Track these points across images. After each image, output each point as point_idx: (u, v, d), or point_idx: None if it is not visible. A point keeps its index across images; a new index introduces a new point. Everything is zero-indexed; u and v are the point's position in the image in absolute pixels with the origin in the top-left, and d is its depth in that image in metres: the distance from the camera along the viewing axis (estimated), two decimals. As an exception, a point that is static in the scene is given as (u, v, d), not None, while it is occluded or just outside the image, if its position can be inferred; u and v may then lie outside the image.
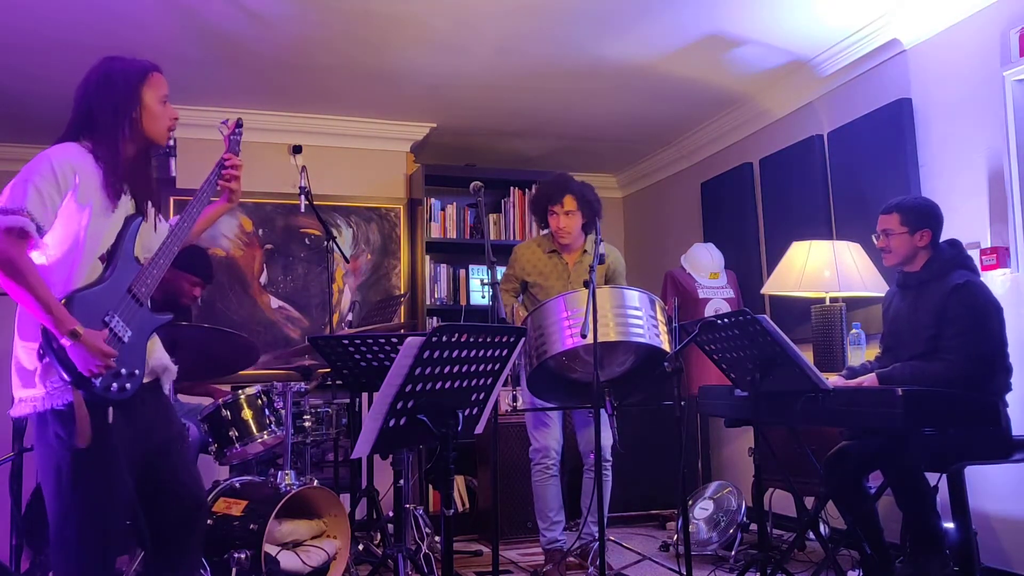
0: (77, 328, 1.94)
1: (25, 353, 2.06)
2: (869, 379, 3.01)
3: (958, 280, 2.95)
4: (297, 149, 5.29)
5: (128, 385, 2.07)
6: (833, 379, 3.13)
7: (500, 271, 3.56)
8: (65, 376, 1.98)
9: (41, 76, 4.34)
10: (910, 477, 3.00)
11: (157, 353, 2.27)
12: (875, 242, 3.22)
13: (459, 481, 4.97)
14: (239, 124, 2.49)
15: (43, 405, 2.02)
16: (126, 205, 2.19)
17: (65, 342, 1.94)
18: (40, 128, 4.92)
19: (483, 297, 5.58)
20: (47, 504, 2.07)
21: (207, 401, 3.85)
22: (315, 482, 3.38)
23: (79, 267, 2.07)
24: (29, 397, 2.04)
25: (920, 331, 3.02)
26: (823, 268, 3.88)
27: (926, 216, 3.10)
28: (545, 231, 3.94)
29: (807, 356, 3.01)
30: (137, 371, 2.10)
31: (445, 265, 5.59)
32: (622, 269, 3.94)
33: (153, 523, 2.24)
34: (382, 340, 3.08)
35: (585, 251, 3.87)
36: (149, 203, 2.26)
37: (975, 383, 2.86)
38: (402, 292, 5.40)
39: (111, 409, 2.03)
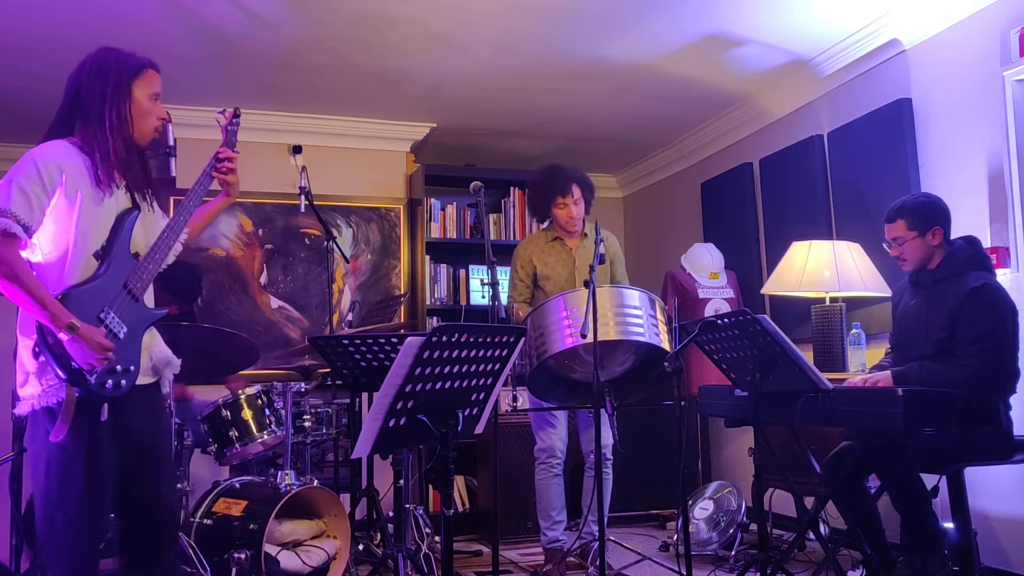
0: (74, 322, 1.94)
1: (26, 351, 2.06)
2: (884, 378, 2.93)
3: (975, 283, 2.86)
4: (297, 149, 5.29)
5: (123, 382, 2.05)
6: (856, 379, 3.08)
7: (500, 271, 3.55)
8: (60, 373, 1.97)
9: (41, 76, 4.33)
10: (906, 479, 2.99)
11: (158, 347, 2.25)
12: (887, 251, 3.13)
13: (459, 481, 4.98)
14: (236, 114, 2.48)
15: (39, 403, 2.02)
16: (119, 198, 2.17)
17: (63, 336, 1.94)
18: (39, 128, 4.86)
19: (483, 297, 5.57)
20: (35, 500, 2.06)
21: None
22: (315, 482, 3.38)
23: (71, 263, 2.06)
24: (29, 395, 2.04)
25: (931, 331, 2.95)
26: (823, 268, 3.88)
27: (933, 213, 3.02)
28: (545, 225, 3.95)
29: (807, 356, 2.99)
30: (132, 367, 2.09)
31: (445, 265, 5.59)
32: (621, 255, 3.99)
33: (122, 528, 2.19)
34: (382, 340, 3.08)
35: (585, 235, 3.88)
36: (147, 196, 2.24)
37: (986, 386, 2.81)
38: (402, 292, 5.40)
39: (105, 406, 2.03)
